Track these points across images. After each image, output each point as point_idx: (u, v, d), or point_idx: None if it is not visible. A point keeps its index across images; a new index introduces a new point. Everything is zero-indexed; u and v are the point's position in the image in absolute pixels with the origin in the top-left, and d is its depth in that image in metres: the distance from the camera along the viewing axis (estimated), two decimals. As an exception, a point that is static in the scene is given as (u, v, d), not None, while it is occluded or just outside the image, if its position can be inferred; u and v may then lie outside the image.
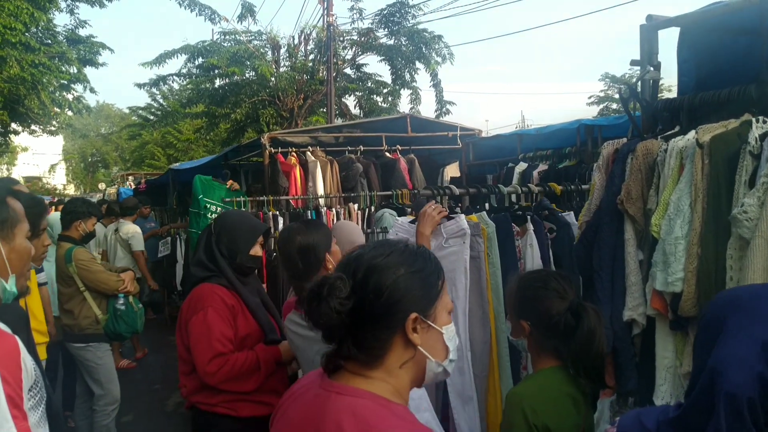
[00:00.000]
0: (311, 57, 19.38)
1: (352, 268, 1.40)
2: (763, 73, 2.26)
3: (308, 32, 19.04)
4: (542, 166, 6.21)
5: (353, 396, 1.36)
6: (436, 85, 18.84)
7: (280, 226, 5.61)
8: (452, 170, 8.31)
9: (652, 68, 2.60)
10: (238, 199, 6.15)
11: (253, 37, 19.24)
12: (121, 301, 4.85)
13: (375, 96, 20.17)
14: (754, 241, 1.85)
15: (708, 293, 2.13)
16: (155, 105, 27.07)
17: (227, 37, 19.15)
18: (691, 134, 2.26)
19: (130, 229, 8.37)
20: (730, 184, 2.13)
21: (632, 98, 2.59)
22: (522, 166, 6.36)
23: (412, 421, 1.37)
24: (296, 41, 19.43)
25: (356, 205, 6.15)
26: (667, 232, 2.23)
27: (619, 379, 2.48)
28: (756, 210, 1.86)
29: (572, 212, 3.38)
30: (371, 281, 1.37)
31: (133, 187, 16.95)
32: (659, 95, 2.74)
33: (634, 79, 2.62)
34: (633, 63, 2.66)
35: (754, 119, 2.03)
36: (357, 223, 5.63)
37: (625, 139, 2.60)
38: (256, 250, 3.13)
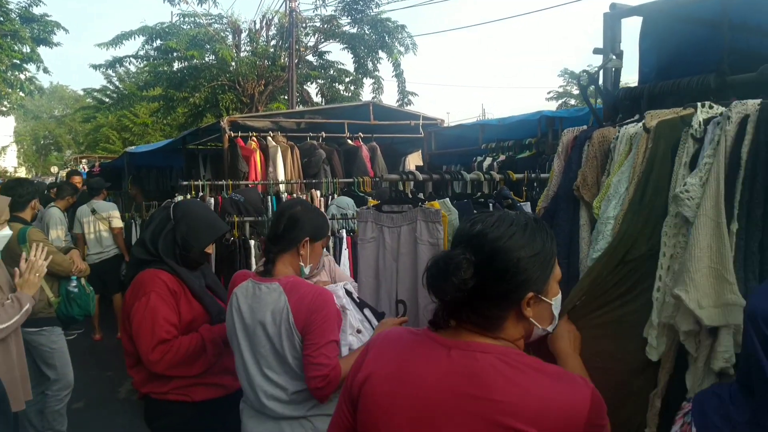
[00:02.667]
0: (273, 43, 19.18)
1: (475, 245, 1.46)
2: (723, 64, 2.29)
3: (270, 17, 18.84)
4: (503, 157, 6.27)
5: (498, 352, 1.45)
6: (399, 75, 18.86)
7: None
8: (415, 159, 8.33)
9: (614, 57, 2.62)
10: (197, 182, 6.03)
11: (213, 20, 18.96)
12: (74, 283, 4.73)
13: (337, 84, 20.07)
14: (698, 220, 1.88)
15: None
16: (111, 87, 26.37)
17: (187, 19, 18.80)
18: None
19: (107, 206, 8.24)
20: (668, 168, 2.16)
21: (592, 85, 2.60)
22: (488, 161, 6.42)
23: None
24: (258, 26, 19.21)
25: (318, 192, 6.10)
26: (603, 212, 2.28)
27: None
28: (698, 189, 1.90)
29: (528, 203, 3.42)
30: (494, 264, 1.44)
31: (87, 170, 16.53)
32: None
33: (596, 68, 2.64)
34: (596, 51, 2.68)
35: (699, 104, 2.06)
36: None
37: (585, 127, 2.62)
38: (210, 248, 3.09)
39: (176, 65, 19.13)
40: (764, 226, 1.84)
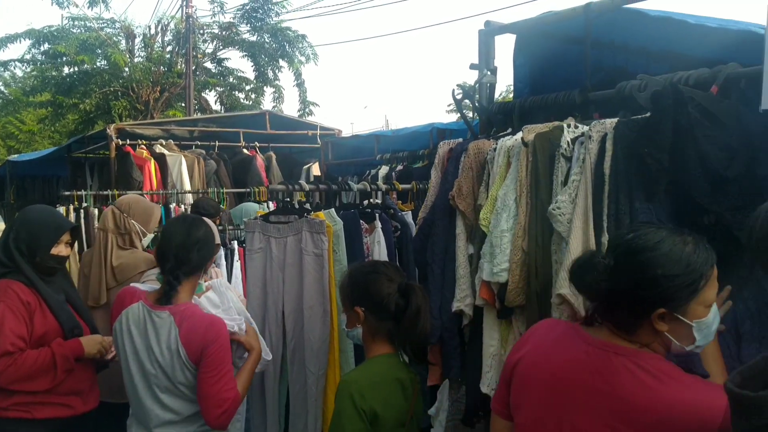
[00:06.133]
0: (169, 48, 18.67)
1: (618, 249, 1.55)
2: (586, 81, 2.43)
3: (166, 23, 18.31)
4: (400, 167, 6.39)
5: (632, 355, 1.52)
6: (300, 84, 18.79)
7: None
8: (317, 169, 8.30)
9: (488, 72, 2.72)
10: (79, 192, 5.76)
11: (105, 24, 18.22)
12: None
13: (237, 92, 19.74)
14: (572, 233, 1.99)
15: (531, 284, 2.26)
16: (-6, 92, 24.87)
17: (77, 23, 17.97)
18: (519, 134, 2.40)
19: None
20: (550, 180, 2.28)
21: (466, 99, 2.69)
22: (384, 169, 6.51)
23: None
24: (153, 31, 18.62)
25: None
26: (494, 226, 2.35)
27: (444, 367, 2.58)
28: (568, 206, 2.01)
29: (410, 212, 3.50)
30: (627, 274, 1.51)
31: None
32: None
33: (473, 83, 2.74)
34: (472, 67, 2.78)
35: (565, 124, 2.18)
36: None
37: (460, 140, 2.71)
38: (60, 250, 2.91)
39: (66, 70, 18.28)
40: None
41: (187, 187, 6.70)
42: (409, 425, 2.22)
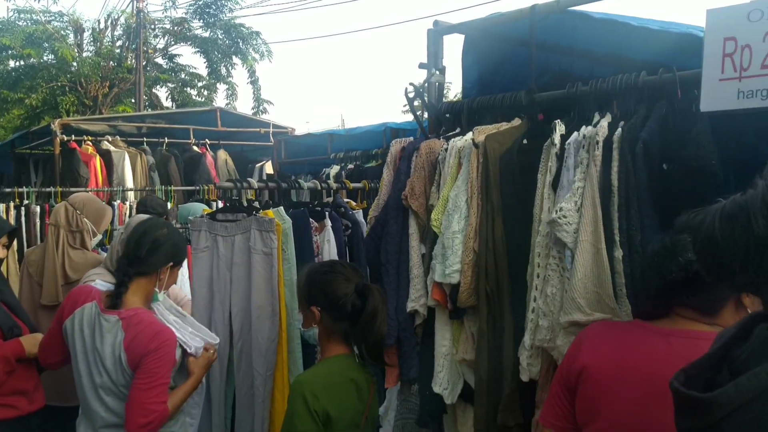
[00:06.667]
0: (119, 43, 18.30)
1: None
2: (532, 82, 2.45)
3: (116, 17, 17.93)
4: (351, 166, 6.38)
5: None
6: (254, 82, 18.62)
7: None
8: (270, 168, 8.21)
9: (437, 72, 2.73)
10: (21, 189, 5.58)
11: (52, 17, 17.77)
12: None
13: (189, 89, 19.45)
14: (580, 246, 1.95)
15: (482, 285, 2.27)
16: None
17: (23, 15, 17.47)
18: (469, 135, 2.41)
19: None
20: (503, 182, 2.29)
21: (417, 98, 2.69)
22: (335, 169, 6.49)
23: None
24: (102, 26, 18.21)
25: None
26: (446, 227, 2.35)
27: (402, 368, 2.57)
28: (574, 215, 1.95)
29: (361, 211, 3.48)
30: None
31: None
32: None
33: (422, 81, 2.74)
34: (421, 66, 2.78)
35: (557, 122, 2.16)
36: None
37: (412, 138, 2.71)
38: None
39: (11, 63, 17.73)
40: (646, 253, 1.90)
41: (130, 184, 6.56)
42: (364, 427, 2.20)
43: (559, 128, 2.15)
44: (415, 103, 2.80)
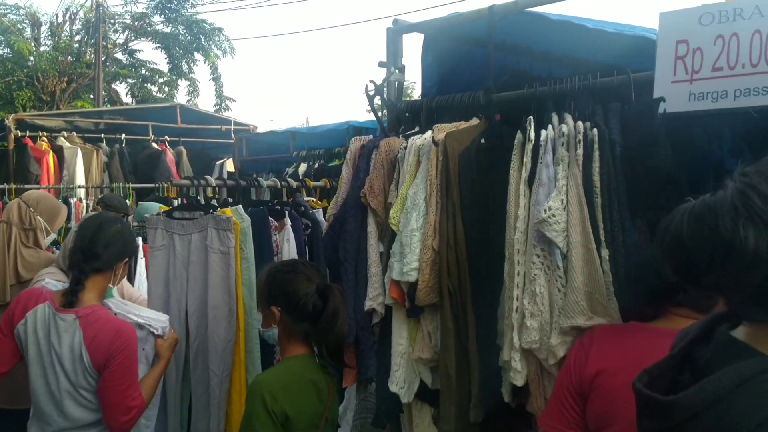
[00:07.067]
0: (78, 38, 17.92)
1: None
2: (490, 82, 2.46)
3: (75, 11, 17.56)
4: (316, 165, 6.34)
5: None
6: (216, 78, 18.42)
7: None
8: (232, 165, 8.13)
9: (397, 70, 2.72)
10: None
11: (8, 10, 17.35)
12: None
13: (149, 85, 19.16)
14: (572, 248, 1.95)
15: (444, 283, 2.28)
16: None
17: (-23, 8, 16.99)
18: (428, 133, 2.41)
19: None
20: (463, 180, 2.29)
21: (377, 96, 2.69)
22: (303, 167, 6.44)
23: None
24: (60, 20, 17.81)
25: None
26: (404, 225, 2.35)
27: (359, 367, 2.56)
28: (563, 213, 1.95)
29: (321, 210, 3.46)
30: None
31: None
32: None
33: (382, 80, 2.73)
34: (380, 65, 2.77)
35: (530, 118, 2.15)
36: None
37: (371, 137, 2.70)
38: None
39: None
40: (628, 253, 1.94)
41: (82, 181, 6.43)
42: (324, 428, 2.19)
43: (533, 125, 2.15)
44: (376, 101, 2.79)
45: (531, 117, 2.15)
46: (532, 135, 2.12)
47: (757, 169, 0.96)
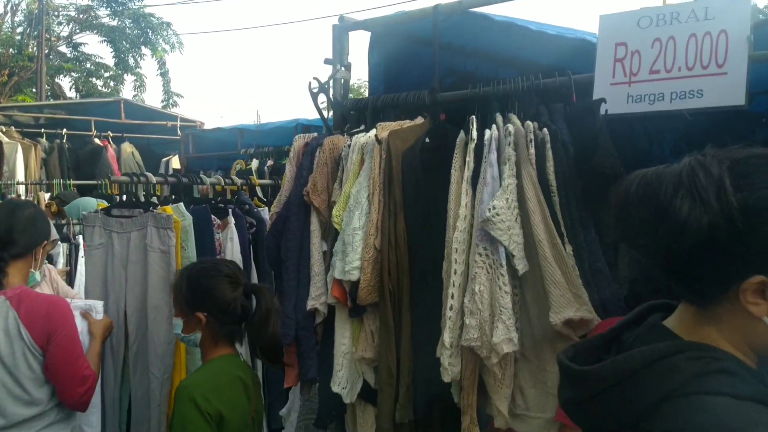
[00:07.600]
0: (20, 30, 17.32)
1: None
2: (435, 82, 2.46)
3: (17, 2, 16.97)
4: (270, 162, 6.27)
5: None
6: (164, 74, 18.05)
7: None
8: (177, 162, 7.97)
9: (342, 68, 2.70)
10: None
11: (-55, -1, 16.62)
12: None
13: (94, 79, 18.67)
14: (540, 245, 1.89)
15: (384, 282, 2.26)
16: None
17: None
18: (372, 131, 2.39)
19: None
20: (406, 179, 2.28)
21: (321, 93, 2.66)
22: (255, 163, 6.36)
23: None
24: (1, 10, 17.21)
25: (48, 194, 5.56)
26: (347, 223, 2.33)
27: (301, 368, 2.52)
28: (507, 212, 1.93)
29: (267, 208, 3.42)
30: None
31: None
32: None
33: (327, 78, 2.70)
34: (326, 62, 2.74)
35: (473, 118, 2.14)
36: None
37: (315, 134, 2.67)
38: None
39: None
40: (590, 249, 1.95)
41: (21, 177, 6.23)
42: (252, 425, 2.18)
43: (475, 125, 2.15)
44: (322, 98, 2.76)
45: (473, 117, 2.16)
46: (475, 134, 2.12)
47: (716, 153, 1.00)
